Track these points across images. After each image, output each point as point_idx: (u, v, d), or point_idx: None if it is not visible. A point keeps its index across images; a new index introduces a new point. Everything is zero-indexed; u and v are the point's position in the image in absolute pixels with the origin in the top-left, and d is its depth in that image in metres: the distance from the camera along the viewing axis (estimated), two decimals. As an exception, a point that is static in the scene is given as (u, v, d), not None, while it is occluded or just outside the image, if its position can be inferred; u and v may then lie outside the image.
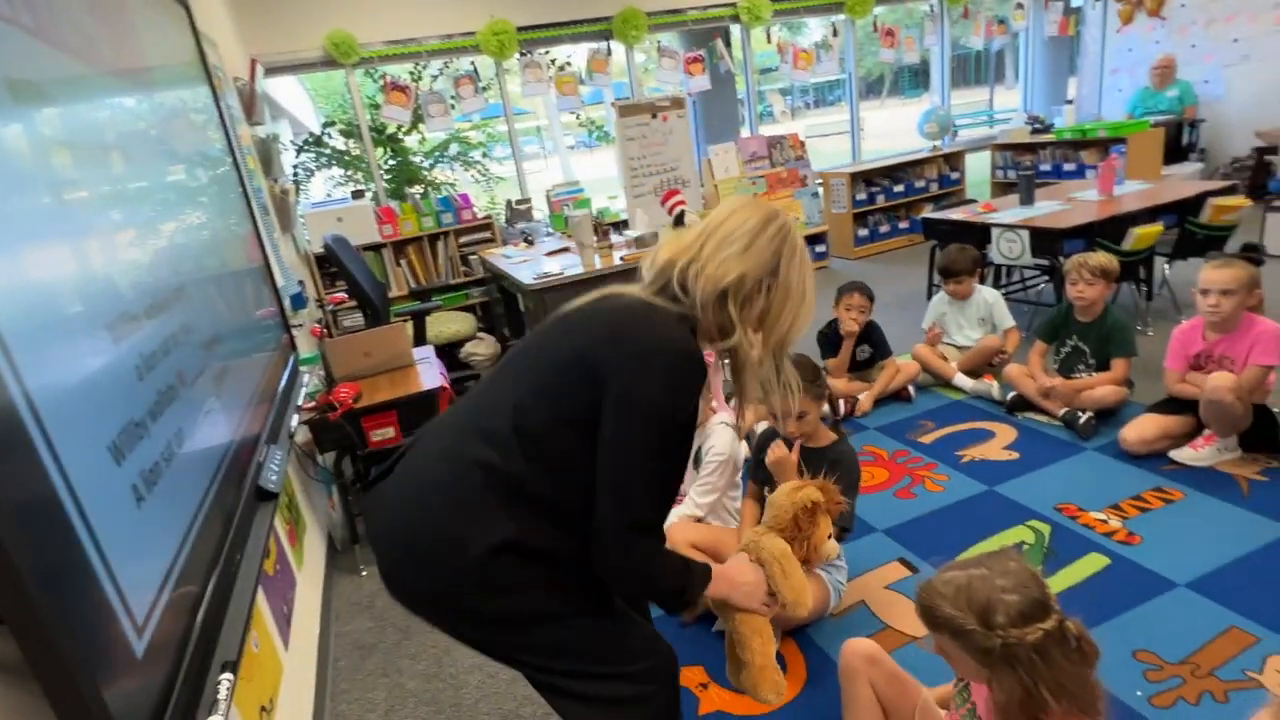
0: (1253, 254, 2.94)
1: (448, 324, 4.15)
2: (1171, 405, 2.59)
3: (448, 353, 4.23)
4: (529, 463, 1.07)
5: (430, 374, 2.73)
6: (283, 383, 2.05)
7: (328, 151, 5.74)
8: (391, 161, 5.70)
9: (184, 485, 1.12)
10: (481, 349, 5.00)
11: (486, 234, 5.18)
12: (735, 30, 5.97)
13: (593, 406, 1.06)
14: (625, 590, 1.22)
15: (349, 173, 5.93)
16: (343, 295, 4.41)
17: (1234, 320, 2.42)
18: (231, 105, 2.97)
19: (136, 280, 1.14)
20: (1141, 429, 2.57)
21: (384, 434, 2.51)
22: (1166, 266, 3.92)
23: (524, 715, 1.89)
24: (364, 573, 2.66)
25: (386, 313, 3.69)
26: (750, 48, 6.12)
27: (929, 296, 4.48)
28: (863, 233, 6.20)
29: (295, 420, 2.05)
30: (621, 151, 4.96)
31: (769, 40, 6.10)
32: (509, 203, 5.34)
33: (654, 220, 4.09)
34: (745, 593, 1.32)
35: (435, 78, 5.23)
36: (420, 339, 3.83)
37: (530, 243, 4.80)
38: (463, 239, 5.14)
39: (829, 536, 1.63)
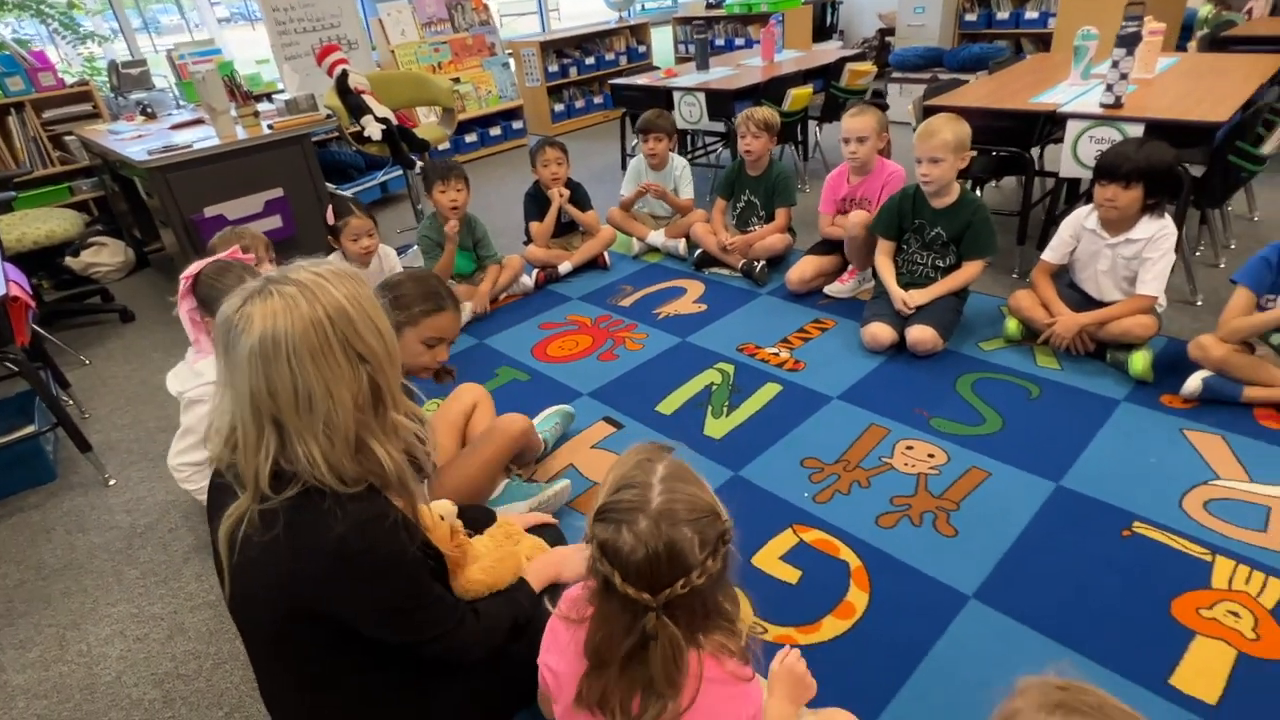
0: (879, 101, 3.34)
1: (36, 224, 3.13)
2: (825, 246, 2.90)
3: (45, 262, 3.25)
4: None
5: (-12, 281, 2.00)
6: None
7: None
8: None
9: None
10: (104, 257, 3.96)
11: (87, 106, 3.99)
12: None
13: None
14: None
15: None
16: None
17: (870, 164, 2.74)
18: None
19: None
20: (802, 270, 2.85)
21: (-83, 368, 1.80)
22: (817, 130, 4.39)
23: (186, 673, 1.56)
24: (-62, 556, 1.98)
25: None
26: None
27: (623, 167, 4.51)
28: (559, 108, 6.03)
29: None
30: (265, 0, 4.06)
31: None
32: (114, 65, 4.13)
33: (309, 83, 3.43)
34: (576, 561, 1.17)
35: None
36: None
37: (151, 116, 3.80)
38: (48, 113, 3.90)
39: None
